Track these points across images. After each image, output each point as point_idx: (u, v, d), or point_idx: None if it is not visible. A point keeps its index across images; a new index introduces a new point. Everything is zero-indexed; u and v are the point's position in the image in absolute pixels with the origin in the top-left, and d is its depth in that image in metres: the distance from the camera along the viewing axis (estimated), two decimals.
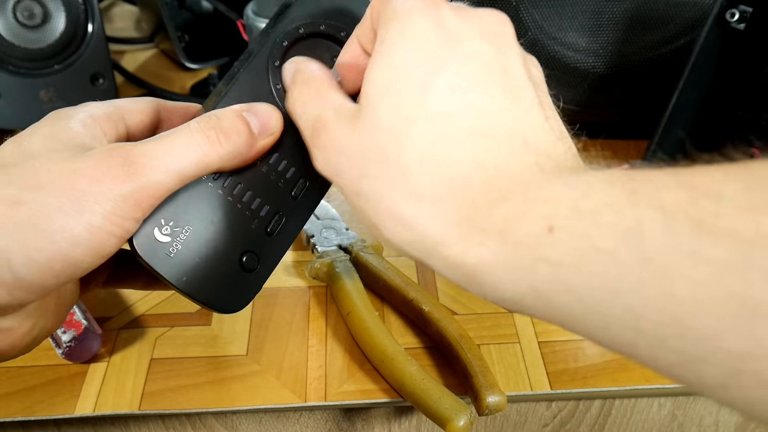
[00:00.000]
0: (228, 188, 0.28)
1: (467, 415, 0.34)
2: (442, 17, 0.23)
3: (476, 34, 0.23)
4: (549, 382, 0.39)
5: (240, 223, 0.28)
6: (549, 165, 0.21)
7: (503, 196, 0.20)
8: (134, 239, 0.26)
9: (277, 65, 0.29)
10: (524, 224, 0.19)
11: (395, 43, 0.23)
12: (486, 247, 0.20)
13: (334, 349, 0.41)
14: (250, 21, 0.60)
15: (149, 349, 0.41)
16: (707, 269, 0.15)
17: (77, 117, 0.26)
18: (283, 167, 0.29)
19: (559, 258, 0.18)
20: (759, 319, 0.14)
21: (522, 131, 0.22)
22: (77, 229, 0.23)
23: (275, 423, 0.41)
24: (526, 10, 0.52)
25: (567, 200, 0.18)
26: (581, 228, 0.18)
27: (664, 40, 0.54)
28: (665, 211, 0.16)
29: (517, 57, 0.24)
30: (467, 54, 0.23)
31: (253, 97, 0.29)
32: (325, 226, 0.47)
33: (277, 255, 0.30)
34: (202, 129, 0.26)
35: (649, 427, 0.45)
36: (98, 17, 0.59)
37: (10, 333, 0.26)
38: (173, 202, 0.27)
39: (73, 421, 0.39)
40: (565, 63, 0.54)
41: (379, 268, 0.43)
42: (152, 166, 0.25)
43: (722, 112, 0.52)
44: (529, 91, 0.23)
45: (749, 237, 0.15)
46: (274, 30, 0.29)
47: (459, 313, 0.43)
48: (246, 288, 0.29)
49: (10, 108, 0.57)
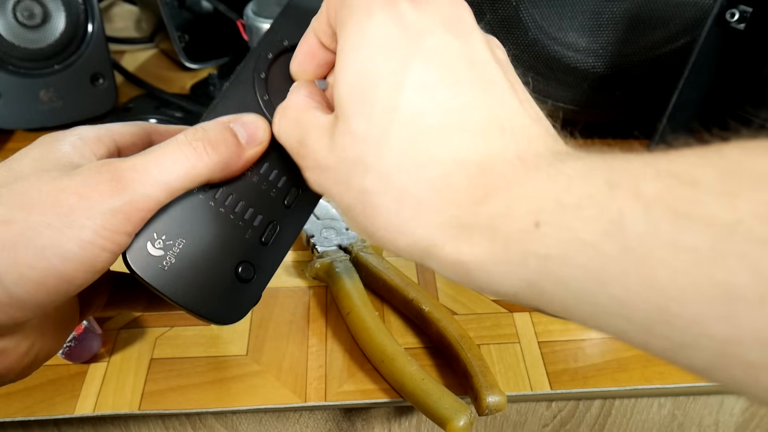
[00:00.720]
0: (219, 199, 0.28)
1: (467, 415, 0.34)
2: (400, 13, 0.23)
3: (436, 26, 0.23)
4: (549, 382, 0.39)
5: (233, 234, 0.28)
6: (530, 154, 0.21)
7: (487, 193, 0.20)
8: (127, 253, 0.26)
9: (262, 77, 0.29)
10: (511, 221, 0.19)
11: (358, 47, 0.23)
12: (477, 245, 0.20)
13: (334, 349, 0.41)
14: (250, 21, 0.60)
15: (149, 349, 0.41)
16: (687, 257, 0.15)
17: (67, 140, 0.27)
18: (274, 177, 0.29)
19: (546, 251, 0.18)
20: (739, 303, 0.14)
21: (497, 120, 0.22)
22: (68, 244, 0.23)
23: (275, 423, 0.41)
24: (526, 10, 0.52)
25: (550, 195, 0.19)
26: (565, 222, 0.18)
27: (664, 40, 0.54)
28: (645, 202, 0.16)
29: (481, 43, 0.23)
30: (431, 49, 0.22)
31: (241, 109, 0.29)
32: (325, 226, 0.47)
33: (273, 264, 0.30)
34: (189, 141, 0.26)
35: (649, 427, 0.45)
36: (98, 17, 0.59)
37: (6, 354, 0.25)
38: (165, 215, 0.27)
39: (73, 421, 0.39)
40: (565, 63, 0.54)
41: (379, 268, 0.43)
42: (140, 180, 0.25)
43: (722, 112, 0.52)
44: (498, 77, 0.23)
45: (726, 223, 0.15)
46: (259, 43, 0.30)
47: (459, 313, 0.43)
48: (243, 298, 0.29)
49: (10, 108, 0.57)
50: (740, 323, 0.15)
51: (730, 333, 0.15)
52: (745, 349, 0.15)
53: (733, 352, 0.15)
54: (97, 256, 0.24)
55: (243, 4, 0.62)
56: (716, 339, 0.15)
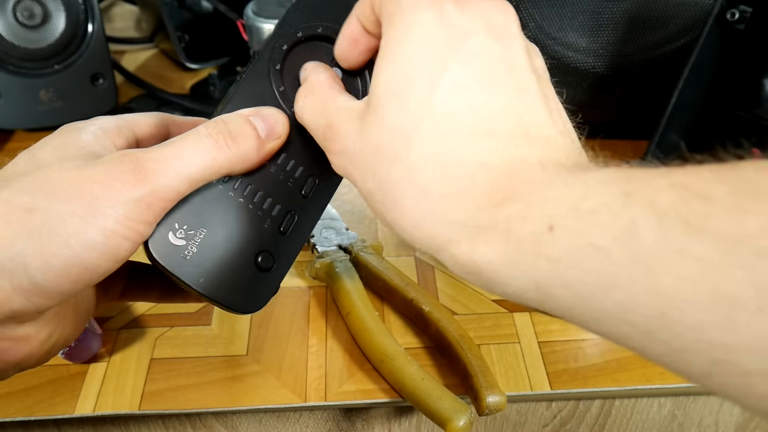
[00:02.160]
0: (239, 190, 0.28)
1: (467, 415, 0.34)
2: (446, 13, 0.23)
3: (480, 29, 0.23)
4: (549, 382, 0.39)
5: (253, 224, 0.29)
6: (551, 162, 0.22)
7: (507, 196, 0.21)
8: (149, 243, 0.26)
9: (278, 68, 0.30)
10: (527, 224, 0.20)
11: (401, 43, 0.23)
12: (491, 246, 0.20)
13: (334, 349, 0.41)
14: (250, 21, 0.60)
15: (149, 349, 0.41)
16: (694, 267, 0.16)
17: (88, 129, 0.27)
18: (291, 167, 0.30)
19: (558, 255, 0.19)
20: (739, 313, 0.15)
21: (525, 127, 0.22)
22: (91, 233, 0.24)
23: (275, 423, 0.41)
24: (526, 10, 0.52)
25: (567, 200, 0.19)
26: (579, 227, 0.18)
27: (664, 40, 0.54)
28: (658, 212, 0.17)
29: (521, 50, 0.24)
30: (471, 51, 0.23)
31: (257, 101, 0.29)
32: (325, 226, 0.47)
33: (292, 253, 0.30)
34: (211, 134, 0.26)
35: (649, 427, 0.45)
36: (98, 17, 0.59)
37: (28, 341, 0.26)
38: (186, 205, 0.27)
39: (73, 421, 0.39)
40: (565, 63, 0.54)
41: (379, 268, 0.43)
42: (162, 171, 0.25)
43: (722, 112, 0.52)
44: (532, 85, 0.23)
45: (734, 237, 0.15)
46: (275, 34, 0.30)
47: (459, 313, 0.43)
48: (263, 287, 0.29)
49: (10, 108, 0.57)
50: (738, 331, 0.15)
51: (727, 340, 0.15)
52: (741, 356, 0.15)
53: (729, 359, 0.15)
54: (119, 245, 0.24)
55: (243, 4, 0.62)
56: (714, 345, 0.16)
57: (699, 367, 0.16)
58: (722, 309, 0.15)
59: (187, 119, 0.32)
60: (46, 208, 0.23)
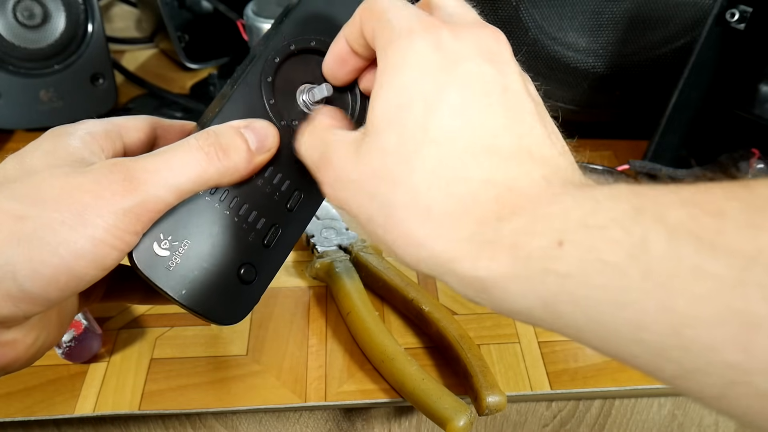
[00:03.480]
0: (225, 202, 0.28)
1: (467, 415, 0.34)
2: (440, 40, 0.23)
3: (474, 54, 0.23)
4: (549, 382, 0.39)
5: (237, 236, 0.29)
6: (556, 179, 0.22)
7: (513, 211, 0.21)
8: (134, 253, 0.26)
9: (269, 81, 0.30)
10: (535, 238, 0.19)
11: (396, 71, 0.24)
12: (496, 261, 0.20)
13: (334, 349, 0.41)
14: (250, 21, 0.60)
15: (149, 349, 0.41)
16: (708, 284, 0.15)
17: (76, 134, 0.27)
18: (278, 180, 0.30)
19: (567, 270, 0.18)
20: (754, 332, 0.15)
21: (527, 146, 0.22)
22: (80, 242, 0.24)
23: (275, 423, 0.42)
24: (526, 10, 0.52)
25: (576, 216, 0.19)
26: (589, 242, 0.18)
27: (664, 40, 0.54)
28: (669, 228, 0.17)
29: (516, 74, 0.24)
30: (466, 75, 0.23)
31: (248, 113, 0.29)
32: (325, 226, 0.47)
33: (275, 266, 0.30)
34: (201, 146, 0.26)
35: (649, 427, 0.45)
36: (98, 17, 0.59)
37: (15, 345, 0.26)
38: (172, 216, 0.27)
39: (73, 421, 0.39)
40: (565, 63, 0.54)
41: (379, 268, 0.43)
42: (152, 181, 0.25)
43: (722, 112, 0.52)
44: (529, 107, 0.24)
45: (748, 254, 0.15)
46: (267, 46, 0.30)
47: (459, 313, 0.43)
48: (244, 300, 0.30)
49: (10, 108, 0.57)
50: (754, 351, 0.15)
51: (743, 360, 0.15)
52: (757, 377, 0.15)
53: (744, 380, 0.15)
54: (107, 254, 0.25)
55: (243, 4, 0.62)
56: (729, 366, 0.15)
57: (712, 388, 0.16)
58: (737, 328, 0.15)
59: (175, 123, 0.32)
60: (36, 216, 0.24)
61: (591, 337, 0.18)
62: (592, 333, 0.18)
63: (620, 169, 0.52)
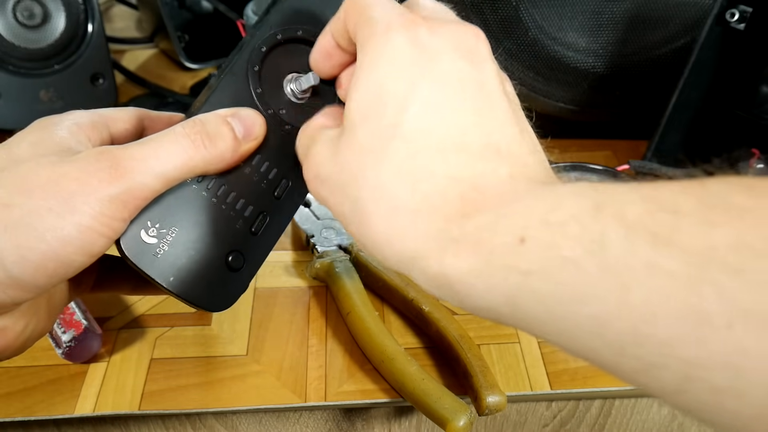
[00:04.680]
0: (212, 190, 0.29)
1: (467, 415, 0.34)
2: (418, 35, 0.24)
3: (450, 50, 0.24)
4: (549, 382, 0.39)
5: (225, 224, 0.29)
6: (522, 177, 0.22)
7: (477, 209, 0.21)
8: (121, 241, 0.26)
9: (256, 70, 0.30)
10: (497, 235, 0.20)
11: (373, 67, 0.24)
12: (461, 258, 0.20)
13: (334, 349, 0.41)
14: (250, 21, 0.60)
15: (149, 349, 0.41)
16: (663, 281, 0.16)
17: (63, 124, 0.27)
18: (265, 168, 0.30)
19: (528, 267, 0.19)
20: (708, 328, 0.15)
21: (496, 144, 0.23)
22: (67, 228, 0.24)
23: (275, 423, 0.42)
24: (526, 10, 0.52)
25: (538, 213, 0.19)
26: (550, 238, 0.18)
27: (664, 40, 0.54)
28: (627, 224, 0.17)
29: (492, 72, 0.24)
30: (442, 71, 0.23)
31: (235, 102, 0.29)
32: (325, 226, 0.47)
33: (262, 254, 0.30)
34: (188, 133, 0.27)
35: (649, 427, 0.45)
36: (98, 17, 0.59)
37: (5, 332, 0.26)
38: (159, 204, 0.27)
39: (73, 421, 0.39)
40: (565, 63, 0.54)
41: (379, 268, 0.43)
42: (138, 169, 0.25)
43: (722, 112, 0.52)
44: (503, 105, 0.24)
45: (702, 251, 0.15)
46: (254, 36, 0.30)
47: (459, 313, 0.43)
48: (232, 287, 0.30)
49: (10, 108, 0.57)
50: (708, 347, 0.15)
51: (697, 356, 0.15)
52: (711, 372, 0.15)
53: (700, 376, 0.15)
54: (94, 241, 0.25)
55: (243, 4, 0.62)
56: (685, 361, 0.15)
57: (671, 383, 0.16)
58: (692, 324, 0.15)
59: (162, 114, 0.32)
60: (23, 204, 0.24)
61: (553, 332, 0.19)
62: (554, 329, 0.18)
63: (620, 169, 0.52)
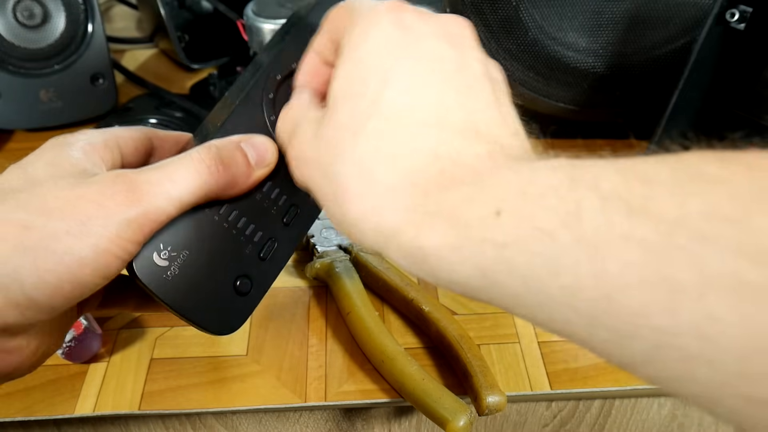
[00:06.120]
0: (224, 215, 0.29)
1: (467, 415, 0.34)
2: (404, 18, 0.24)
3: (435, 34, 0.24)
4: (549, 382, 0.39)
5: (234, 249, 0.29)
6: (501, 156, 0.22)
7: (454, 183, 0.21)
8: (134, 263, 0.27)
9: (271, 97, 0.30)
10: (473, 208, 0.20)
11: (357, 45, 0.24)
12: (436, 231, 0.20)
13: (334, 349, 0.41)
14: (250, 21, 0.60)
15: (149, 349, 0.41)
16: (636, 250, 0.16)
17: (77, 145, 0.28)
18: (275, 195, 0.30)
19: (504, 239, 0.19)
20: (680, 296, 0.15)
21: (475, 122, 0.23)
22: (85, 251, 0.24)
23: (275, 423, 0.42)
24: (526, 10, 0.52)
25: (515, 186, 0.19)
26: (526, 210, 0.18)
27: (664, 40, 0.54)
28: (602, 195, 0.17)
29: (476, 57, 0.24)
30: (424, 50, 0.23)
31: (249, 128, 0.30)
32: (325, 226, 0.47)
33: (270, 279, 0.31)
34: (203, 159, 0.27)
35: (649, 427, 0.45)
36: (98, 17, 0.59)
37: (20, 352, 0.27)
38: (172, 227, 0.27)
39: (73, 421, 0.39)
40: (565, 63, 0.54)
41: (379, 268, 0.43)
42: (154, 193, 0.26)
43: (722, 112, 0.52)
44: (485, 87, 0.24)
45: (675, 219, 0.15)
46: (270, 61, 0.30)
47: (459, 313, 0.43)
48: (239, 311, 0.30)
49: (10, 108, 0.57)
50: (680, 315, 0.15)
51: (669, 324, 0.15)
52: (682, 340, 0.15)
53: (671, 343, 0.15)
54: (110, 263, 0.25)
55: (243, 4, 0.62)
56: (656, 330, 0.15)
57: (641, 352, 0.16)
58: (664, 293, 0.15)
59: (170, 133, 0.33)
60: (42, 226, 0.24)
61: (527, 305, 0.19)
62: (527, 301, 0.19)
63: None
